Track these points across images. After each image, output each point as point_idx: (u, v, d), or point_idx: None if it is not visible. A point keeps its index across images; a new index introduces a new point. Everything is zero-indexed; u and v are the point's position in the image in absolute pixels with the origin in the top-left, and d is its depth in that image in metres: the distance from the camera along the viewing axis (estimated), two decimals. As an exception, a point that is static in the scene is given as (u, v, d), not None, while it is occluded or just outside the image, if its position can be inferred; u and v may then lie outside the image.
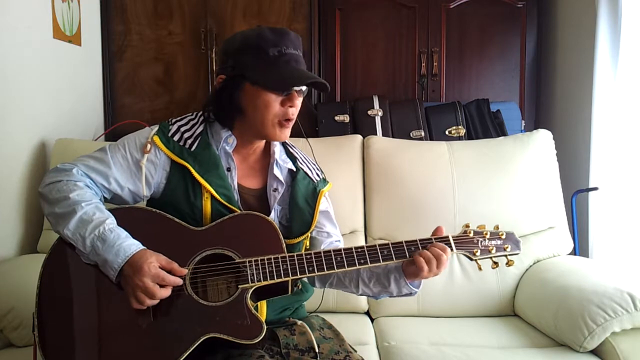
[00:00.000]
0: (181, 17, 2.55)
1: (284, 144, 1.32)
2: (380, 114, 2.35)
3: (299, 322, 1.23)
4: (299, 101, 1.18)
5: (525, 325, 1.76)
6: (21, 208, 1.92)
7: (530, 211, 1.95)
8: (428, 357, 1.51)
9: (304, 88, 1.18)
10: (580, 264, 1.84)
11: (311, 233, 1.30)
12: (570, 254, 2.00)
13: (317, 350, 1.16)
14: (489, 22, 2.64)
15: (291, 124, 1.20)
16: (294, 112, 1.18)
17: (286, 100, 1.16)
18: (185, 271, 1.08)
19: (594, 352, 1.51)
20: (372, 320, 1.87)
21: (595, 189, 2.11)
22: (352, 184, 2.01)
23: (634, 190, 1.97)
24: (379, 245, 1.15)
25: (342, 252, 1.14)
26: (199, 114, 1.25)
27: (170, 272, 1.07)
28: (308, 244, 1.31)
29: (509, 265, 1.19)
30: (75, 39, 2.28)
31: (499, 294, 1.87)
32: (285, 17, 2.54)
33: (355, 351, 1.22)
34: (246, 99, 1.17)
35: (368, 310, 1.92)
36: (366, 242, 1.99)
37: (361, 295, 1.30)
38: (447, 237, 1.17)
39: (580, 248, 2.15)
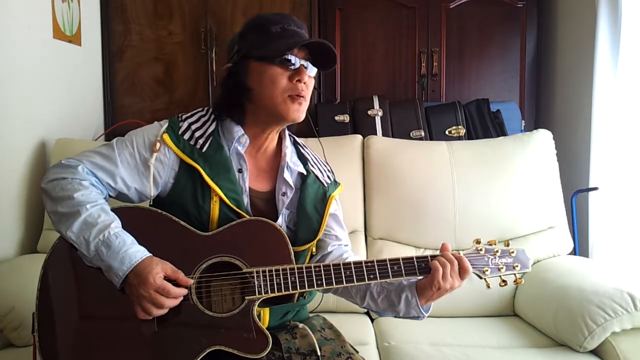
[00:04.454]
0: (181, 17, 2.55)
1: (295, 144, 1.30)
2: (380, 114, 2.35)
3: (300, 325, 1.21)
4: (310, 82, 1.16)
5: (525, 325, 1.76)
6: (21, 208, 1.92)
7: (530, 211, 1.95)
8: (428, 357, 1.51)
9: (312, 72, 1.16)
10: (580, 264, 1.84)
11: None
12: (570, 254, 2.00)
13: (319, 354, 1.14)
14: (489, 22, 2.64)
15: (304, 101, 1.15)
16: (303, 88, 1.14)
17: (294, 75, 1.13)
18: (190, 281, 1.06)
19: (594, 352, 1.51)
20: (372, 320, 1.87)
21: (595, 189, 2.10)
22: (352, 184, 2.01)
23: (634, 190, 1.97)
24: (389, 260, 1.12)
25: (352, 266, 1.11)
26: (210, 111, 1.22)
27: (175, 281, 1.04)
28: (315, 250, 1.28)
29: (517, 284, 1.18)
30: (75, 39, 2.28)
31: (499, 294, 1.87)
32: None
33: (357, 352, 1.21)
34: (253, 77, 1.14)
35: (368, 311, 1.92)
36: (366, 242, 2.00)
37: (365, 307, 1.27)
38: (458, 254, 1.14)
39: (580, 248, 2.14)
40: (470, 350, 1.55)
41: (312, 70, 1.16)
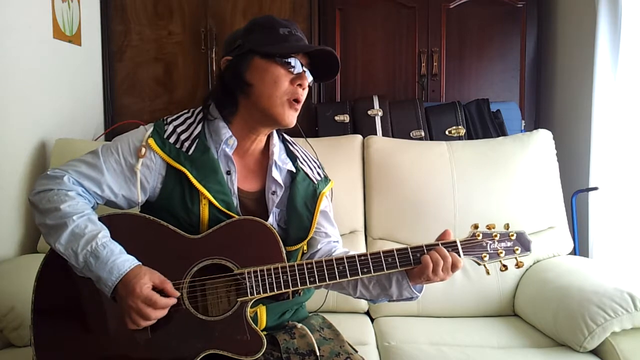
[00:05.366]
0: (181, 17, 2.55)
1: (284, 141, 1.29)
2: (380, 114, 2.35)
3: (299, 325, 1.21)
4: (306, 89, 1.16)
5: (525, 325, 1.76)
6: (21, 208, 1.92)
7: (530, 211, 1.95)
8: (428, 357, 1.51)
9: (310, 78, 1.16)
10: (580, 264, 1.84)
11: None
12: (570, 254, 2.00)
13: (317, 354, 1.14)
14: (489, 22, 2.64)
15: (299, 107, 1.16)
16: (302, 93, 1.14)
17: (296, 79, 1.13)
18: (177, 293, 1.05)
19: (594, 352, 1.51)
20: (372, 320, 1.87)
21: (595, 189, 2.10)
22: (352, 184, 2.01)
23: (634, 190, 1.97)
24: (383, 252, 1.11)
25: (345, 260, 1.10)
26: (197, 112, 1.21)
27: (163, 291, 1.04)
28: (306, 248, 1.28)
29: (518, 267, 1.15)
30: (75, 39, 2.28)
31: (499, 294, 1.87)
32: (285, 18, 2.54)
33: (356, 351, 1.20)
34: (254, 74, 1.13)
35: (368, 310, 1.92)
36: (366, 242, 2.00)
37: (358, 297, 1.26)
38: (455, 242, 1.13)
39: (580, 248, 2.14)
40: (470, 350, 1.55)
41: (309, 77, 1.17)
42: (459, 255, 1.11)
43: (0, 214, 1.84)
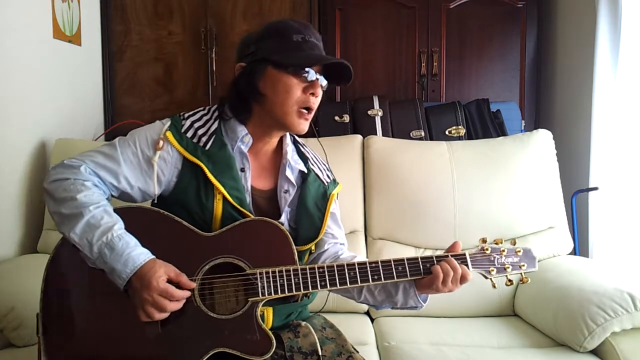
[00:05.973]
0: (181, 17, 2.55)
1: (295, 143, 1.30)
2: (380, 114, 2.35)
3: (303, 324, 1.21)
4: (320, 93, 1.16)
5: (525, 325, 1.76)
6: (21, 208, 1.92)
7: (530, 211, 1.95)
8: (428, 357, 1.52)
9: (324, 83, 1.16)
10: (580, 264, 1.84)
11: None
12: (570, 254, 2.00)
13: (320, 353, 1.14)
14: (489, 22, 2.64)
15: (311, 115, 1.16)
16: (314, 101, 1.15)
17: (309, 87, 1.13)
18: (193, 284, 1.06)
19: (594, 352, 1.51)
20: (372, 320, 1.87)
21: (595, 189, 2.10)
22: (352, 184, 2.01)
23: (634, 190, 1.97)
24: (394, 260, 1.12)
25: (356, 266, 1.11)
26: (212, 109, 1.21)
27: (178, 284, 1.04)
28: (314, 248, 1.27)
29: (523, 283, 1.17)
30: (75, 39, 2.28)
31: (499, 294, 1.87)
32: (286, 18, 2.54)
33: (357, 352, 1.20)
34: (267, 83, 1.13)
35: (368, 311, 1.92)
36: (366, 242, 2.00)
37: (362, 302, 1.27)
38: (464, 254, 1.14)
39: (580, 248, 2.15)
40: (470, 350, 1.55)
41: (323, 82, 1.16)
42: (468, 268, 1.13)
43: (0, 213, 1.84)
